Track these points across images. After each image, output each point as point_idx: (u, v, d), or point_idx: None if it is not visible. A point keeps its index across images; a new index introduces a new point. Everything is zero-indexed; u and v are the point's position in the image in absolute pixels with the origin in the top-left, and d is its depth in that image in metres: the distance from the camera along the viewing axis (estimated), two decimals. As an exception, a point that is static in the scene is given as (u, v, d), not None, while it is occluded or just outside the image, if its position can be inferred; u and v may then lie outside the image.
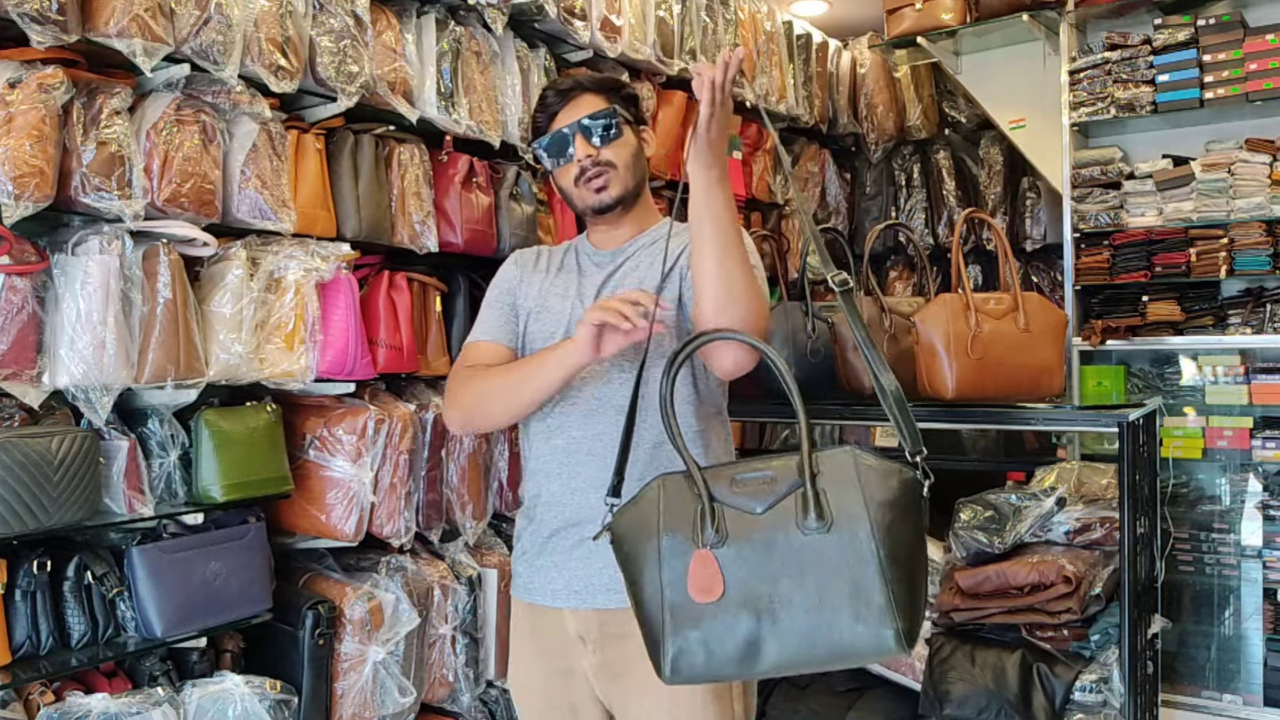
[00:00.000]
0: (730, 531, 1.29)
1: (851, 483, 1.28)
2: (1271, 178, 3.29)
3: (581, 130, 1.68)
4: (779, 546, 1.27)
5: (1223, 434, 3.37)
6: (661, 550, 1.31)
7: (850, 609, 1.23)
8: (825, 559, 1.25)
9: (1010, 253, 2.47)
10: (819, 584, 1.24)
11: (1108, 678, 2.23)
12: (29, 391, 1.76)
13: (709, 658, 1.26)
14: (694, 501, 1.31)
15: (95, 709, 1.78)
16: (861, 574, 1.23)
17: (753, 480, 1.31)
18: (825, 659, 1.26)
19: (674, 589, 1.28)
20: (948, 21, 3.76)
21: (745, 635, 1.26)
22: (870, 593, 1.22)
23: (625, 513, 1.38)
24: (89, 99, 1.81)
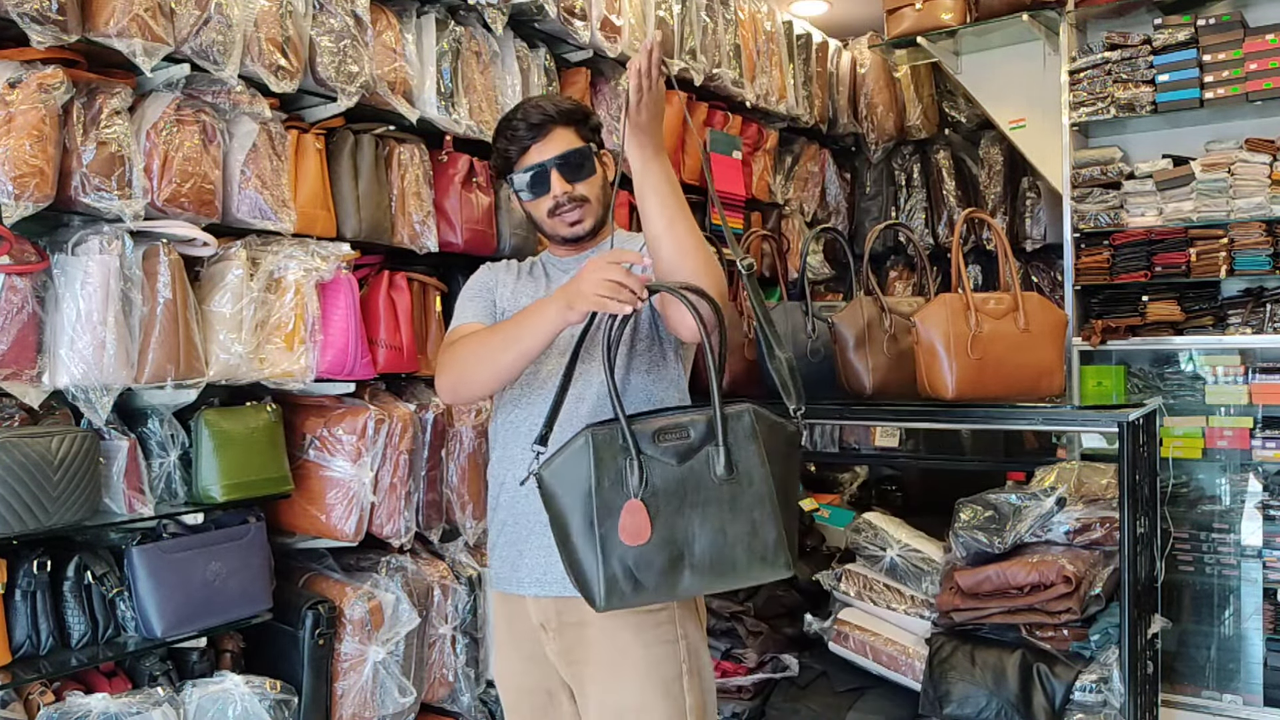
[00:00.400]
0: (653, 481, 1.48)
1: (751, 438, 1.50)
2: (1271, 178, 3.29)
3: (558, 168, 1.73)
4: (692, 493, 1.48)
5: (1223, 434, 3.37)
6: (593, 495, 1.47)
7: (749, 542, 1.48)
8: (730, 502, 1.48)
9: (1010, 253, 2.47)
10: (725, 522, 1.47)
11: (1108, 678, 2.23)
12: (29, 391, 1.76)
13: (635, 587, 1.46)
14: (622, 453, 1.48)
15: (95, 709, 1.78)
16: (760, 514, 1.48)
17: (673, 435, 1.50)
18: (730, 583, 1.51)
19: (605, 529, 1.46)
20: (948, 21, 3.76)
21: (664, 566, 1.47)
22: (766, 529, 1.48)
23: (554, 460, 1.52)
24: (89, 99, 1.81)
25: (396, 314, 2.36)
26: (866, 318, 2.53)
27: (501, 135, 1.78)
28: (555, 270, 1.86)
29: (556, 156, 1.73)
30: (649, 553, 1.46)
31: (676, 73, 3.23)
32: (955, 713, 2.33)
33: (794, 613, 2.91)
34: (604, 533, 1.46)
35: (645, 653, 1.67)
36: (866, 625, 2.62)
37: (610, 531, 1.46)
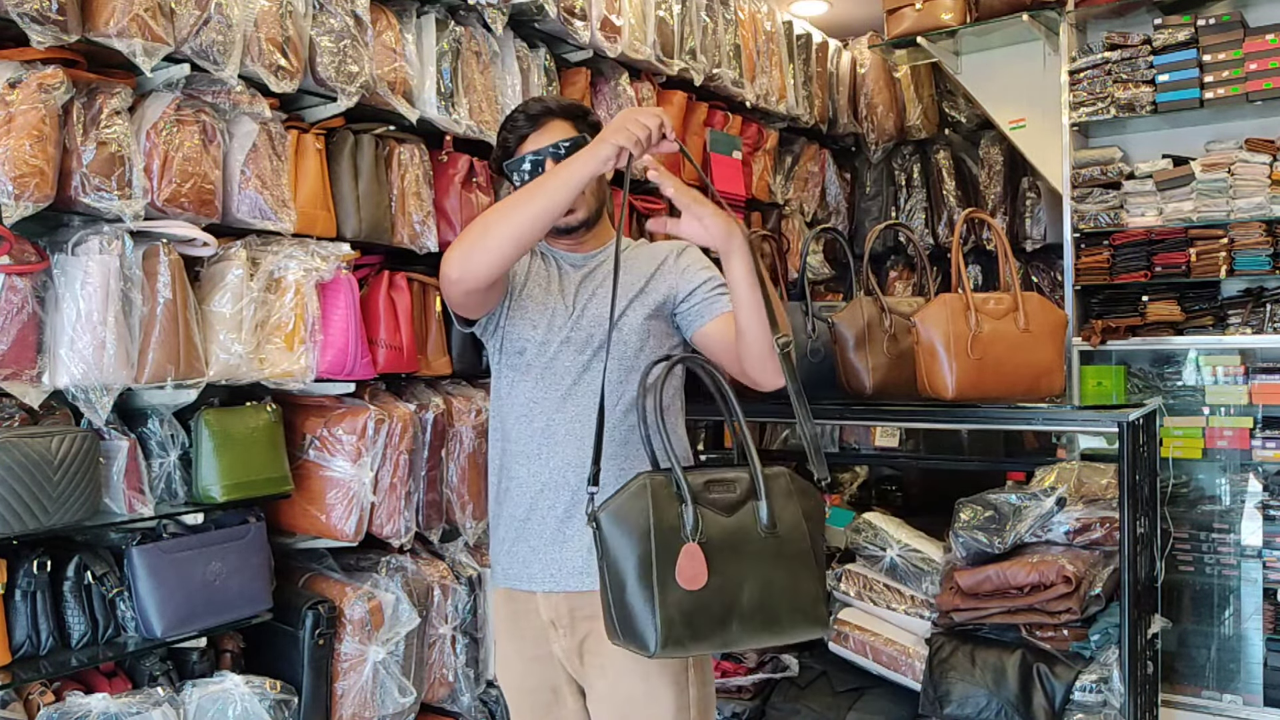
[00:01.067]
0: (707, 529, 1.49)
1: (790, 497, 1.55)
2: (1271, 178, 3.29)
3: (553, 156, 1.77)
4: (741, 544, 1.51)
5: (1223, 434, 3.37)
6: (652, 536, 1.47)
7: (791, 596, 1.51)
8: (774, 557, 1.51)
9: (1010, 253, 2.47)
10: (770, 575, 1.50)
11: (1108, 678, 2.23)
12: (29, 391, 1.76)
13: (691, 633, 1.45)
14: (676, 500, 1.50)
15: (95, 709, 1.78)
16: (801, 570, 1.52)
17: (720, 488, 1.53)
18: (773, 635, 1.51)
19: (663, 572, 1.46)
20: (948, 21, 3.76)
21: (717, 614, 1.47)
22: (806, 584, 1.52)
23: (611, 502, 1.52)
24: (89, 99, 1.81)
25: (396, 314, 2.36)
26: (866, 318, 2.53)
27: (503, 128, 1.85)
28: (565, 264, 1.89)
29: (551, 146, 1.78)
30: (704, 599, 1.46)
31: (676, 72, 3.23)
32: (955, 713, 2.33)
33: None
34: (661, 576, 1.46)
35: None
36: (866, 625, 2.62)
37: (667, 576, 1.46)
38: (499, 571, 1.85)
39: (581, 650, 1.76)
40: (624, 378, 1.77)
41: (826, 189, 4.37)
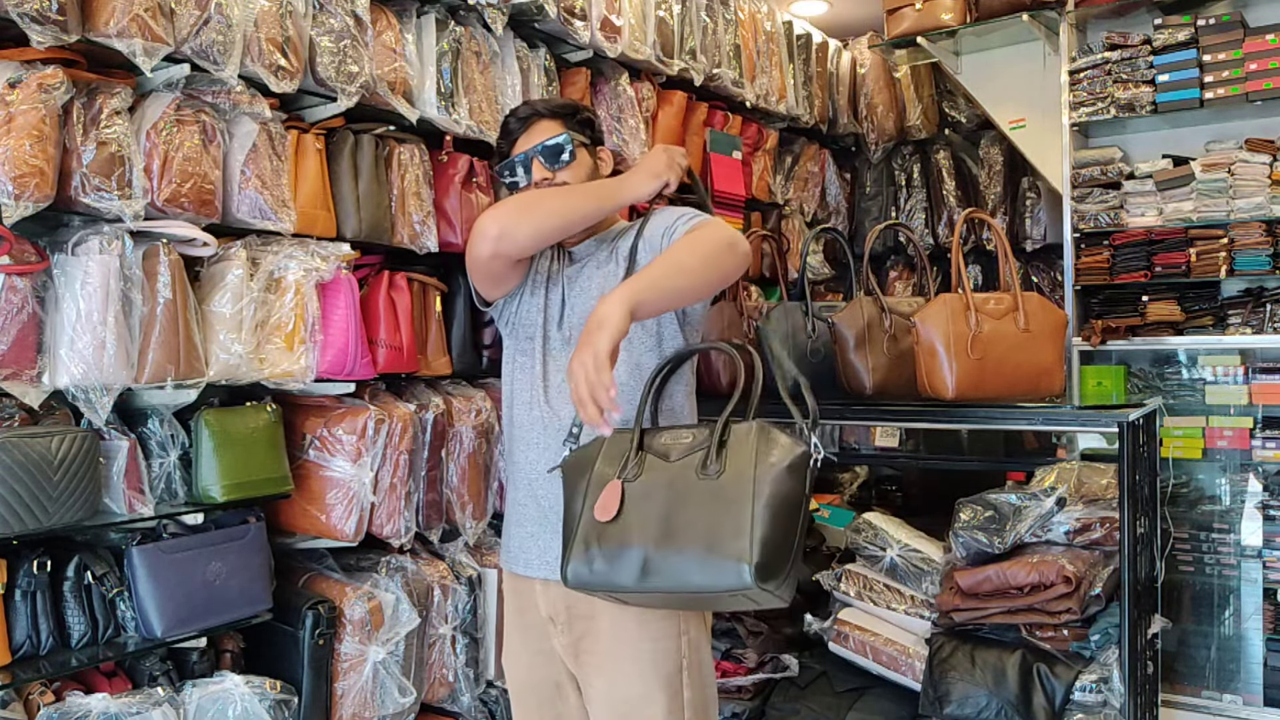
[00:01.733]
0: (645, 471, 1.55)
1: (748, 444, 1.51)
2: (1271, 178, 3.29)
3: (539, 156, 1.85)
4: (678, 484, 1.51)
5: (1223, 434, 3.37)
6: (590, 479, 1.57)
7: (718, 541, 1.43)
8: (712, 501, 1.47)
9: (1010, 253, 2.47)
10: (700, 517, 1.46)
11: (1108, 678, 2.23)
12: (29, 391, 1.76)
13: (602, 568, 1.50)
14: (626, 446, 1.58)
15: (95, 709, 1.78)
16: (737, 514, 1.44)
17: (676, 436, 1.58)
18: (695, 584, 1.45)
19: (587, 505, 1.55)
20: (947, 21, 3.76)
21: (636, 554, 1.48)
22: (740, 528, 1.42)
23: (575, 453, 1.66)
24: (89, 99, 1.81)
25: (396, 314, 2.36)
26: (866, 318, 2.53)
27: (500, 135, 1.94)
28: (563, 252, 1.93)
29: (537, 145, 1.85)
30: (613, 530, 1.50)
31: (676, 72, 3.23)
32: (955, 713, 2.33)
33: (794, 613, 2.91)
34: (585, 508, 1.55)
35: (650, 646, 1.71)
36: (866, 625, 2.62)
37: (589, 510, 1.54)
38: (504, 554, 1.91)
39: (578, 649, 1.78)
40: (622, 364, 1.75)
41: (826, 189, 4.37)
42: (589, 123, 1.92)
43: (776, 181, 3.96)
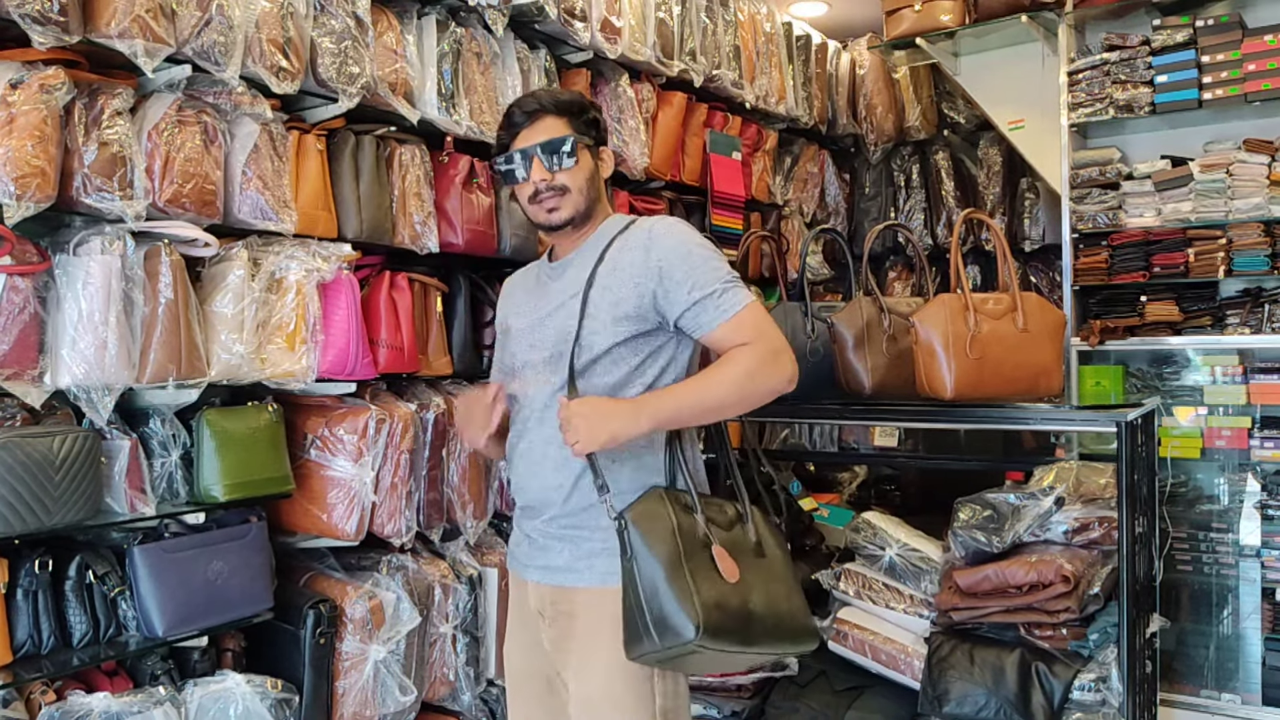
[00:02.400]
0: (716, 538, 1.64)
1: (768, 528, 1.71)
2: (1270, 178, 3.29)
3: (540, 154, 1.74)
4: (741, 557, 1.63)
5: (1221, 434, 3.38)
6: (677, 534, 1.59)
7: (789, 607, 1.65)
8: (767, 570, 1.65)
9: (1009, 253, 2.47)
10: (767, 584, 1.63)
11: (1106, 677, 2.24)
12: (31, 391, 1.76)
13: (724, 621, 1.55)
14: (687, 512, 1.65)
15: (97, 708, 1.79)
16: (791, 587, 1.66)
17: (715, 509, 1.69)
18: (784, 637, 1.64)
19: (692, 564, 1.57)
20: (946, 23, 3.77)
21: (738, 609, 1.58)
22: (797, 599, 1.67)
23: (638, 505, 1.64)
24: (90, 100, 1.82)
25: (397, 314, 2.37)
26: (866, 318, 2.54)
27: (501, 124, 1.83)
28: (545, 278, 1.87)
29: (539, 143, 1.74)
30: (729, 594, 1.58)
31: (676, 74, 3.24)
32: (954, 711, 2.34)
33: (793, 612, 2.91)
34: (693, 569, 1.57)
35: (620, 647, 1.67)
36: (865, 624, 2.62)
37: (698, 569, 1.57)
38: (509, 553, 1.95)
39: (558, 646, 1.78)
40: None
41: (826, 189, 4.37)
42: (595, 122, 1.83)
43: (776, 182, 3.97)
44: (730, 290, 1.66)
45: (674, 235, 1.72)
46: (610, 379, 1.71)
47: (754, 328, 1.65)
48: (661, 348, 1.74)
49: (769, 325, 1.67)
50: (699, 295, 1.66)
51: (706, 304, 1.65)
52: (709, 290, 1.66)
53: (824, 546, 3.25)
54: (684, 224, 1.78)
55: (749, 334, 1.64)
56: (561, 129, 1.76)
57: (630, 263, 1.70)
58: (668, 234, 1.72)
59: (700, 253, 1.69)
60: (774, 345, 1.65)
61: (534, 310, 1.82)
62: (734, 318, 1.65)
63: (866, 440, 3.85)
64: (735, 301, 1.65)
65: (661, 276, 1.68)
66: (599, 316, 1.70)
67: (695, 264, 1.67)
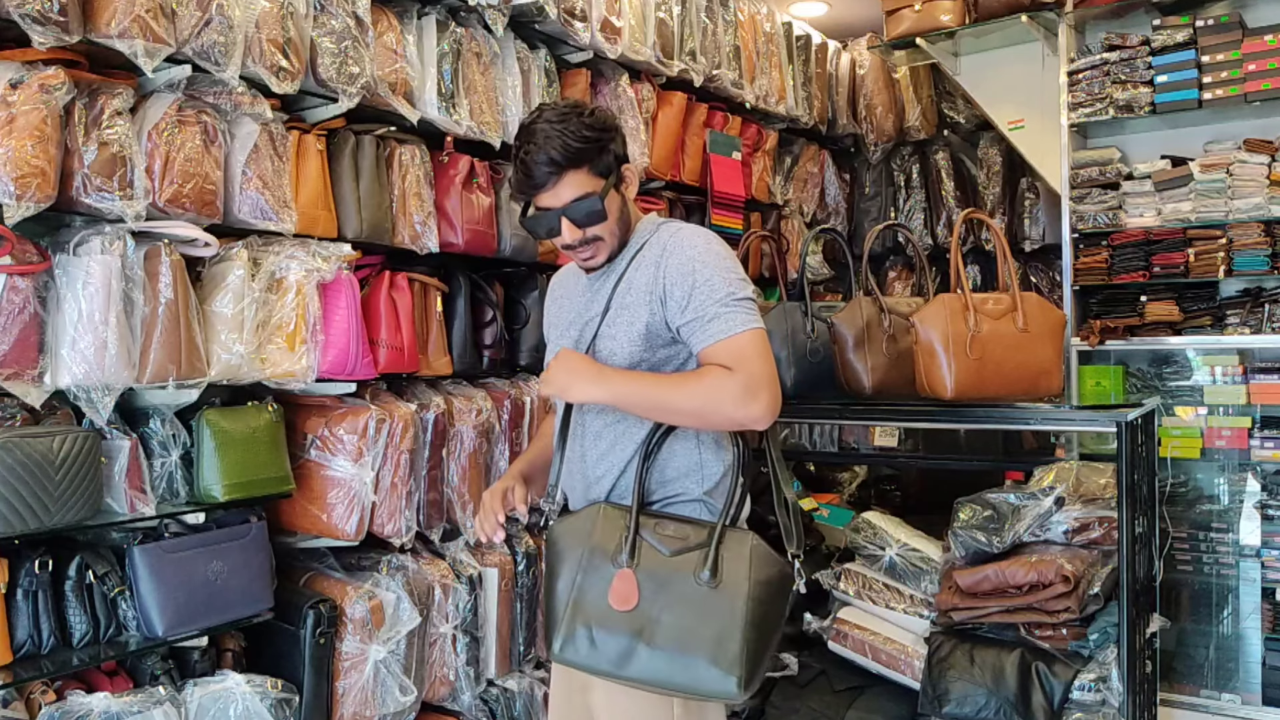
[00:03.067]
0: (641, 559, 1.59)
1: (743, 559, 1.58)
2: (1270, 178, 3.29)
3: (567, 215, 1.67)
4: (674, 584, 1.57)
5: (1221, 434, 3.38)
6: (584, 558, 1.61)
7: (710, 651, 1.52)
8: (705, 607, 1.55)
9: (1009, 253, 2.47)
10: (694, 624, 1.53)
11: (1106, 677, 2.24)
12: (31, 391, 1.76)
13: (591, 651, 1.55)
14: (621, 530, 1.61)
15: (97, 708, 1.79)
16: (728, 627, 1.53)
17: (672, 531, 1.61)
18: (679, 684, 1.53)
19: (581, 591, 1.59)
20: (946, 23, 3.77)
21: (624, 644, 1.54)
22: (729, 644, 1.52)
23: (564, 521, 1.68)
24: (90, 100, 1.82)
25: (397, 314, 2.37)
26: (866, 318, 2.53)
27: (517, 168, 1.70)
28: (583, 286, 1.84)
29: (565, 207, 1.66)
30: (614, 625, 1.56)
31: (676, 73, 3.24)
32: (954, 711, 2.34)
33: (793, 612, 2.91)
34: (582, 586, 1.59)
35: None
36: (865, 624, 2.62)
37: (589, 589, 1.58)
38: None
39: None
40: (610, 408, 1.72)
41: (826, 189, 4.37)
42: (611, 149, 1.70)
43: (776, 182, 3.97)
44: (724, 316, 1.62)
45: (683, 252, 1.68)
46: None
47: (735, 356, 1.59)
48: (686, 362, 1.73)
49: (755, 356, 1.60)
50: (691, 317, 1.64)
51: (695, 326, 1.63)
52: (700, 314, 1.63)
53: (824, 547, 3.25)
54: (700, 237, 1.71)
55: (730, 363, 1.60)
56: (586, 184, 1.66)
57: (644, 282, 1.70)
58: (677, 250, 1.69)
59: (704, 273, 1.65)
60: (753, 379, 1.57)
61: (568, 319, 1.83)
62: (720, 344, 1.61)
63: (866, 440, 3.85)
64: (726, 328, 1.61)
65: (665, 297, 1.67)
66: (617, 337, 1.71)
67: (695, 284, 1.64)
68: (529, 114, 1.72)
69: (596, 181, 1.67)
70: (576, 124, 1.64)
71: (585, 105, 1.71)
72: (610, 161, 1.69)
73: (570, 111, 1.65)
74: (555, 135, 1.63)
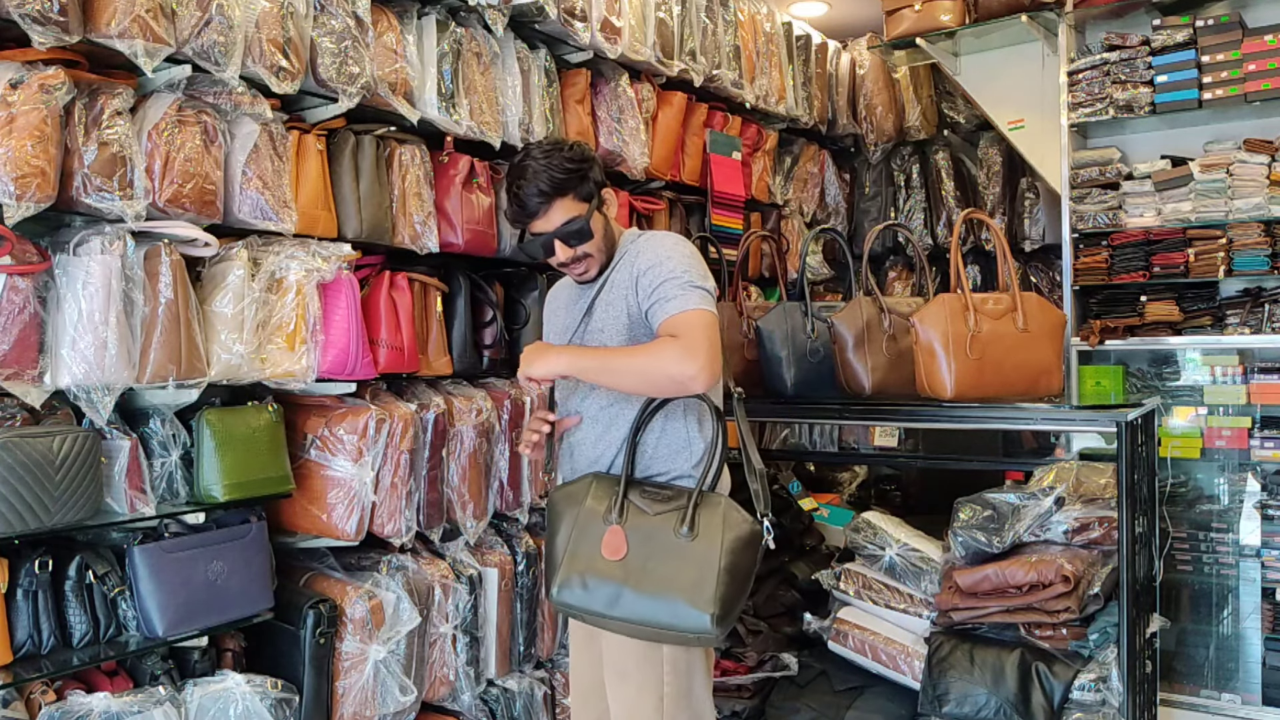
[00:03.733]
0: (629, 518, 1.82)
1: (718, 517, 1.80)
2: (1270, 178, 3.29)
3: (559, 236, 1.91)
4: (656, 537, 1.79)
5: (1221, 434, 3.38)
6: (579, 517, 1.85)
7: (689, 594, 1.73)
8: (684, 556, 1.76)
9: (1009, 253, 2.47)
10: (674, 571, 1.75)
11: (1106, 677, 2.24)
12: (31, 391, 1.76)
13: (584, 595, 1.78)
14: (611, 494, 1.85)
15: (97, 708, 1.79)
16: (704, 573, 1.74)
17: (656, 494, 1.85)
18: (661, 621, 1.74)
19: (576, 544, 1.83)
20: (947, 23, 3.77)
21: (613, 589, 1.77)
22: (705, 586, 1.73)
23: (562, 488, 1.94)
24: (90, 100, 1.82)
25: (397, 314, 2.37)
26: (866, 318, 2.54)
27: (512, 200, 1.93)
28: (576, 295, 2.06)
29: (555, 230, 1.90)
30: (607, 568, 1.78)
31: (676, 73, 3.24)
32: (954, 711, 2.34)
33: (793, 612, 2.91)
34: (577, 540, 1.82)
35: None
36: (866, 624, 2.62)
37: (582, 543, 1.81)
38: None
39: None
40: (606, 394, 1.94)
41: (826, 189, 4.37)
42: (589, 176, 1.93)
43: (776, 182, 3.97)
44: (681, 296, 1.83)
45: (651, 249, 1.92)
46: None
47: (684, 325, 1.80)
48: None
49: (700, 327, 1.79)
50: (657, 298, 1.85)
51: (658, 305, 1.85)
52: (661, 295, 1.84)
53: (824, 547, 3.26)
54: (670, 237, 1.96)
55: (679, 331, 1.80)
56: (572, 208, 1.91)
57: (621, 280, 1.94)
58: (647, 247, 1.93)
59: (668, 263, 1.87)
60: (692, 343, 1.77)
61: (563, 326, 2.05)
62: (673, 317, 1.81)
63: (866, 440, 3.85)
64: (681, 305, 1.82)
65: (637, 285, 1.89)
66: (605, 330, 1.94)
67: (660, 271, 1.86)
68: (518, 153, 1.96)
69: (581, 206, 1.92)
70: (559, 158, 1.90)
71: (565, 142, 1.97)
72: (591, 188, 1.94)
73: (553, 149, 1.91)
74: (542, 170, 1.89)
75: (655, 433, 1.92)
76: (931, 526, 2.71)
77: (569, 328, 2.02)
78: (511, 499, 2.61)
